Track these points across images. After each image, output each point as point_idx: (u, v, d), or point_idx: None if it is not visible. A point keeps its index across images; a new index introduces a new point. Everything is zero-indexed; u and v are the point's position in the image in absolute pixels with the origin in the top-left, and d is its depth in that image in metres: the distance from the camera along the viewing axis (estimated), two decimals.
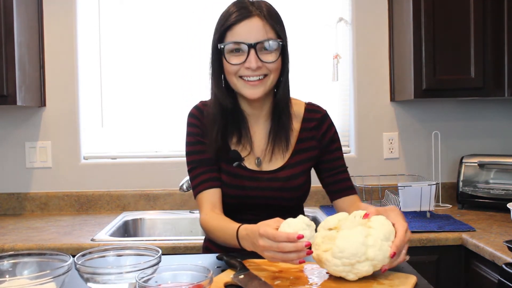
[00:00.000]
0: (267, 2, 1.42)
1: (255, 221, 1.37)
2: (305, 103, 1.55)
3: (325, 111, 1.56)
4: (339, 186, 1.51)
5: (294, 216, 1.19)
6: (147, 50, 2.67)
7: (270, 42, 1.35)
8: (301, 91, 2.59)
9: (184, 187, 2.33)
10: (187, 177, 2.24)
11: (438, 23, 2.33)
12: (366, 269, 1.10)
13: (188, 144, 1.49)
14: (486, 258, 1.77)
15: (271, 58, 1.36)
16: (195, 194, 1.47)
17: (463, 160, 2.51)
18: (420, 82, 2.34)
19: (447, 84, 2.35)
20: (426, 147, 2.67)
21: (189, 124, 1.50)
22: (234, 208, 1.48)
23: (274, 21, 1.37)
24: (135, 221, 2.45)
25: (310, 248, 1.11)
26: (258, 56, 1.34)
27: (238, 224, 1.27)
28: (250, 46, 1.33)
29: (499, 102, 2.70)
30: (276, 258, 1.13)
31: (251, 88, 1.38)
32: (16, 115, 2.60)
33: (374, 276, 1.13)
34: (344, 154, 1.57)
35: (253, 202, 1.46)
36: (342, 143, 2.68)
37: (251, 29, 1.33)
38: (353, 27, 2.67)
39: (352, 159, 2.65)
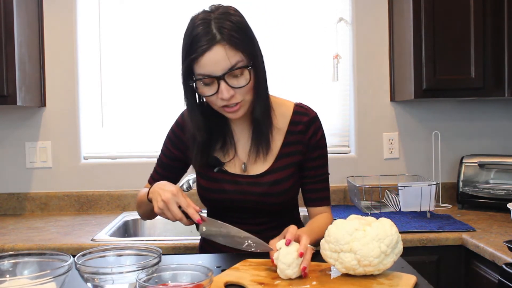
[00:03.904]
0: (229, 13, 1.33)
1: (242, 224, 1.37)
2: (294, 104, 1.49)
3: (315, 113, 1.48)
4: (314, 195, 1.50)
5: (281, 218, 1.23)
6: (147, 50, 2.67)
7: (237, 69, 1.28)
8: (301, 91, 2.60)
9: (184, 187, 2.32)
10: (187, 177, 2.25)
11: (438, 23, 2.33)
12: (349, 260, 1.11)
13: (163, 143, 1.58)
14: (486, 258, 1.78)
15: (242, 82, 1.31)
16: (147, 181, 1.61)
17: (463, 160, 2.51)
18: (420, 82, 2.34)
19: (447, 84, 2.35)
20: (426, 147, 2.67)
21: (171, 129, 1.56)
22: (220, 212, 1.48)
23: (237, 42, 1.28)
24: (135, 221, 2.45)
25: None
26: (229, 84, 1.29)
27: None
28: (219, 79, 1.28)
29: (499, 102, 2.70)
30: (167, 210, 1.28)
31: (232, 113, 1.36)
32: (16, 115, 2.60)
33: (374, 276, 1.14)
34: (344, 154, 1.56)
35: (238, 206, 1.45)
36: (342, 143, 2.76)
37: (215, 61, 1.27)
38: (353, 27, 2.67)
39: (352, 159, 2.65)
